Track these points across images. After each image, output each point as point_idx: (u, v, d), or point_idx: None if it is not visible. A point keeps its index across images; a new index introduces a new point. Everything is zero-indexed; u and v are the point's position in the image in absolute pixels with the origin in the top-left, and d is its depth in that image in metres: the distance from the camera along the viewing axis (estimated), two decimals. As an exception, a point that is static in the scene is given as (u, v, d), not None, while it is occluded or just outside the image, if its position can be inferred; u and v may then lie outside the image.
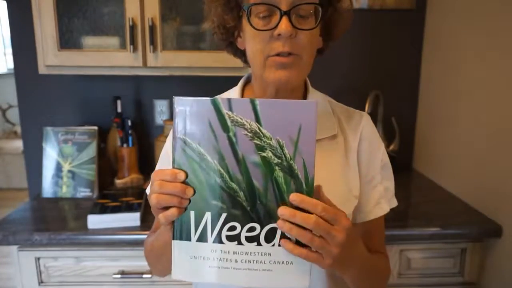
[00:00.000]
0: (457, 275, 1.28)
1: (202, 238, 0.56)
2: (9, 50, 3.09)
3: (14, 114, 4.40)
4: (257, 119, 0.53)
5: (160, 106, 1.72)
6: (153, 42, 1.38)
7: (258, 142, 0.53)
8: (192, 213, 0.55)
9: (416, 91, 1.78)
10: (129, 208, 1.28)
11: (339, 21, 0.73)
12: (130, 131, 1.59)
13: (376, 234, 0.79)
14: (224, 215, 0.55)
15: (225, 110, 0.53)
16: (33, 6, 1.34)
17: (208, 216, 0.55)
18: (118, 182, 1.57)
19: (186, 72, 1.42)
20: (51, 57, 1.38)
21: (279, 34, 0.63)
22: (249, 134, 0.53)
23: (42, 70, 1.40)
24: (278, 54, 0.65)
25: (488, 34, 1.30)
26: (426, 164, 1.73)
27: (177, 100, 0.54)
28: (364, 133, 0.77)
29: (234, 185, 0.54)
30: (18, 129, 4.32)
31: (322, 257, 0.54)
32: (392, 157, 1.72)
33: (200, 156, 0.54)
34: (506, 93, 1.21)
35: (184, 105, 0.54)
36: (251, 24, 0.66)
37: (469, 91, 1.40)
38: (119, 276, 1.22)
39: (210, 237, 0.56)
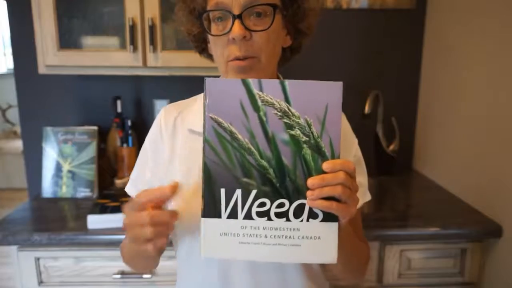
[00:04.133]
0: (457, 275, 1.28)
1: (232, 215, 0.57)
2: (9, 50, 3.09)
3: (14, 114, 4.39)
4: (286, 99, 0.55)
5: (160, 106, 1.72)
6: (153, 42, 1.38)
7: (287, 121, 0.55)
8: (222, 191, 0.57)
9: (416, 91, 1.78)
10: (129, 208, 1.28)
11: (305, 17, 0.73)
12: (130, 131, 1.59)
13: (353, 226, 0.81)
14: (254, 192, 0.56)
15: (256, 90, 0.55)
16: (33, 6, 1.34)
17: (238, 193, 0.57)
18: (118, 182, 1.57)
19: (186, 72, 1.42)
20: (51, 57, 1.38)
21: (233, 38, 0.65)
22: (279, 113, 0.55)
23: (42, 70, 1.40)
24: (236, 58, 0.67)
25: (488, 34, 1.30)
26: (426, 164, 1.73)
27: (209, 81, 0.56)
28: None
29: (264, 163, 0.56)
30: (18, 129, 4.31)
31: (348, 207, 0.56)
32: (392, 157, 1.72)
33: (231, 135, 0.56)
34: (506, 93, 1.21)
35: (216, 85, 0.56)
36: (206, 31, 0.70)
37: (469, 91, 1.40)
38: (119, 276, 1.22)
39: (241, 214, 0.57)
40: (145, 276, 1.22)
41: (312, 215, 0.57)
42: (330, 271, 0.79)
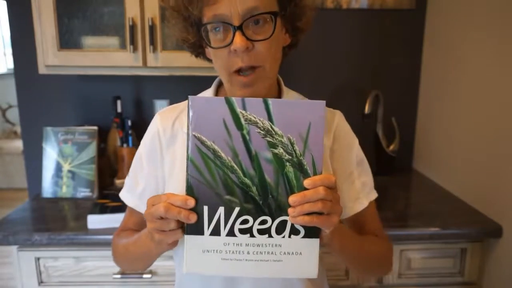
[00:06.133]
0: (457, 275, 1.28)
1: (215, 232, 0.58)
2: (9, 50, 3.09)
3: (14, 114, 4.40)
4: (270, 118, 0.56)
5: (160, 106, 1.72)
6: (153, 42, 1.38)
7: (270, 140, 0.56)
8: (205, 208, 0.57)
9: (416, 91, 1.78)
10: (129, 208, 1.28)
11: (302, 15, 0.73)
12: (130, 131, 1.59)
13: (367, 224, 0.83)
14: (237, 209, 0.57)
15: (239, 109, 0.55)
16: (33, 6, 1.34)
17: (221, 210, 0.57)
18: (118, 182, 1.58)
19: (186, 72, 1.42)
20: (51, 57, 1.38)
21: (235, 50, 0.64)
22: (262, 132, 0.56)
23: (42, 70, 1.40)
24: (239, 70, 0.66)
25: (488, 34, 1.30)
26: (426, 164, 1.73)
27: (192, 99, 0.56)
28: (338, 131, 0.78)
29: (247, 181, 0.57)
30: (18, 129, 4.32)
31: (330, 218, 0.57)
32: (392, 157, 1.72)
33: (214, 153, 0.56)
34: (506, 93, 1.21)
35: (199, 104, 0.56)
36: (208, 44, 0.68)
37: (469, 91, 1.40)
38: (119, 276, 1.22)
39: (223, 231, 0.58)
40: (145, 276, 1.22)
41: (294, 231, 0.58)
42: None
